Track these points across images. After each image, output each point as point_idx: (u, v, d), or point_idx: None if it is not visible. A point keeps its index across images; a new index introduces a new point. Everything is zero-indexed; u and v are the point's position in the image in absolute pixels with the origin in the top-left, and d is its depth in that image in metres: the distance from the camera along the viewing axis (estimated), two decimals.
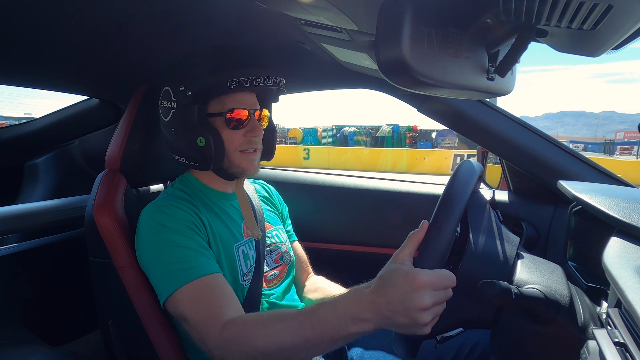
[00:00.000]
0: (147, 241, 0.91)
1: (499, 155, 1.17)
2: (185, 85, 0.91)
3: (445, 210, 0.70)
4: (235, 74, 0.90)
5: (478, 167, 0.82)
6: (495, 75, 0.58)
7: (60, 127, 1.89)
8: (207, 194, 1.04)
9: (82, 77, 1.30)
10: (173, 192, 1.01)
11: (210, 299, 0.83)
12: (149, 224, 0.92)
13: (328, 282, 1.20)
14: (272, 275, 1.06)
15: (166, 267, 0.87)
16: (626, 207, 0.68)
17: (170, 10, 0.82)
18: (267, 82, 0.93)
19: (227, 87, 0.89)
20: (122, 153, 1.06)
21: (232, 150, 0.97)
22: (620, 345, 0.51)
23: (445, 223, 0.68)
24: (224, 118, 0.95)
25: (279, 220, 1.20)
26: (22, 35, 0.88)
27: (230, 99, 0.95)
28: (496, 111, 1.15)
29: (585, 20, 0.43)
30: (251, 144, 0.98)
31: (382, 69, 0.49)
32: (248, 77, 0.90)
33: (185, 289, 0.84)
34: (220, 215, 1.01)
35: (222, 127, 0.96)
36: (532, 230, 1.15)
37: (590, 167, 1.09)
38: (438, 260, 0.67)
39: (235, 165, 0.98)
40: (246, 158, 0.99)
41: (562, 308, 0.67)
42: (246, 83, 0.90)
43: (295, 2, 0.62)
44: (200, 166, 0.97)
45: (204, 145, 0.93)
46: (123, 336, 1.01)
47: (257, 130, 0.97)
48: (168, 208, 0.93)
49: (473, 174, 0.79)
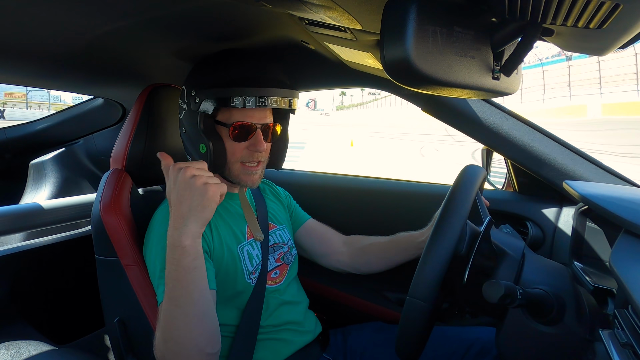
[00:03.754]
0: (154, 244, 0.93)
1: (503, 154, 1.16)
2: (195, 91, 0.92)
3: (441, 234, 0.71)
4: (238, 92, 0.89)
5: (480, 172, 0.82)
6: (501, 75, 0.58)
7: (65, 126, 1.90)
8: None
9: (87, 77, 1.31)
10: None
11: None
12: (160, 228, 0.93)
13: (366, 238, 1.24)
14: (275, 274, 1.07)
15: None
16: (633, 208, 0.68)
17: (174, 11, 0.82)
18: (272, 102, 0.92)
19: (230, 103, 0.89)
20: (127, 152, 1.07)
21: (234, 161, 0.97)
22: (627, 347, 0.51)
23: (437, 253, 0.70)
24: (228, 129, 0.95)
25: (284, 215, 1.21)
26: (27, 36, 0.88)
27: (239, 112, 0.94)
28: (501, 110, 1.14)
29: (592, 19, 0.43)
30: (252, 157, 0.97)
31: (387, 69, 0.48)
32: (251, 97, 0.89)
33: None
34: (224, 217, 1.03)
35: (226, 137, 0.96)
36: (537, 231, 1.14)
37: (596, 167, 1.08)
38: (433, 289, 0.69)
39: (234, 175, 0.99)
40: (246, 171, 0.98)
41: (568, 309, 0.67)
42: (248, 102, 0.89)
43: (300, 2, 0.62)
44: None
45: (204, 152, 0.94)
46: (129, 334, 1.01)
47: (259, 145, 0.96)
48: None
49: (474, 181, 0.78)
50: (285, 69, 1.00)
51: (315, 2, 0.60)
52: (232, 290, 0.97)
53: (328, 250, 1.23)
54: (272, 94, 0.91)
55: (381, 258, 1.19)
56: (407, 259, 1.15)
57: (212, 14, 0.85)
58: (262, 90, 0.90)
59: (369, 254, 1.20)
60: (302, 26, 0.83)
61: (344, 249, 1.23)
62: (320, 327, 1.13)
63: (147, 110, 1.09)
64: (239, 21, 0.90)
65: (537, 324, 0.68)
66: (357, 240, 1.24)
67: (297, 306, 1.09)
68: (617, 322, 0.56)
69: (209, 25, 0.92)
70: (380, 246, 1.19)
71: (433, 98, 1.18)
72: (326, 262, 1.24)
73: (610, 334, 0.56)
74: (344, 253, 1.23)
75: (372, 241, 1.21)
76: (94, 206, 1.02)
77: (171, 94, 1.13)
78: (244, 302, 0.98)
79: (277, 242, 1.11)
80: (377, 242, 1.20)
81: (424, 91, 0.54)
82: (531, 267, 0.76)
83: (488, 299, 0.61)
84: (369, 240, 1.22)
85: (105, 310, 1.07)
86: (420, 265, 0.70)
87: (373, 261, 1.20)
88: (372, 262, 1.20)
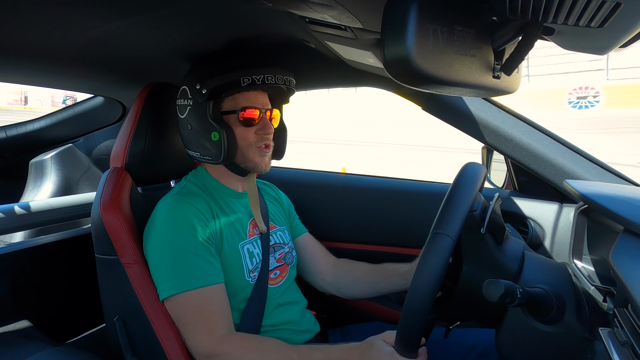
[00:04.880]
0: (159, 237, 0.94)
1: (504, 154, 1.16)
2: (201, 83, 0.95)
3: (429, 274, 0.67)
4: (249, 72, 0.94)
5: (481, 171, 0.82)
6: (501, 74, 0.58)
7: (65, 124, 1.90)
8: (218, 190, 1.06)
9: (87, 75, 1.31)
10: (187, 186, 1.05)
11: (209, 310, 0.91)
12: (165, 221, 0.95)
13: (355, 262, 1.24)
14: (274, 274, 1.07)
15: (173, 268, 0.91)
16: (634, 207, 0.68)
17: (174, 10, 0.82)
18: (279, 80, 0.98)
19: (241, 84, 0.94)
20: (127, 151, 1.07)
21: (246, 145, 1.01)
22: (626, 346, 0.51)
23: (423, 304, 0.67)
24: (237, 115, 0.99)
25: (284, 220, 1.21)
26: (28, 34, 0.88)
27: (244, 98, 1.00)
28: (501, 109, 1.14)
29: (593, 18, 0.43)
30: (263, 141, 1.01)
31: (388, 67, 0.48)
32: (260, 76, 0.95)
33: (188, 295, 0.90)
34: (227, 213, 1.03)
35: (235, 124, 0.99)
36: (537, 229, 1.15)
37: (597, 166, 1.08)
38: (414, 348, 0.71)
39: (249, 159, 1.02)
40: (259, 153, 1.02)
41: (567, 308, 0.67)
42: (258, 81, 0.95)
43: (300, 1, 0.62)
44: (214, 159, 1.00)
45: (217, 140, 0.96)
46: (129, 332, 1.02)
47: (267, 127, 1.01)
48: (183, 206, 0.96)
49: (475, 182, 0.78)
50: (288, 69, 1.02)
51: (316, 1, 0.60)
52: (230, 287, 0.97)
53: (316, 268, 1.23)
54: (278, 73, 0.98)
55: (364, 282, 1.19)
56: (391, 289, 1.16)
57: (213, 13, 0.85)
58: (268, 69, 0.97)
59: (353, 277, 1.20)
60: (303, 25, 0.83)
61: (330, 270, 1.23)
62: (318, 327, 1.13)
63: (147, 109, 1.09)
64: (239, 20, 0.90)
65: (537, 323, 0.68)
66: (344, 263, 1.25)
67: (295, 306, 1.09)
68: (616, 321, 0.56)
69: (210, 24, 0.92)
70: (365, 270, 1.19)
71: (433, 97, 1.18)
72: (311, 279, 1.24)
73: (610, 333, 0.56)
74: (329, 274, 1.22)
75: (358, 265, 1.22)
76: (93, 205, 1.02)
77: (171, 92, 1.13)
78: (243, 300, 0.99)
79: (277, 242, 1.11)
80: (363, 267, 1.21)
81: (424, 90, 0.54)
82: (531, 266, 0.76)
83: (488, 298, 0.61)
84: (356, 264, 1.23)
85: (105, 308, 1.07)
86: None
87: (356, 285, 1.20)
88: (355, 286, 1.20)
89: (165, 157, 1.16)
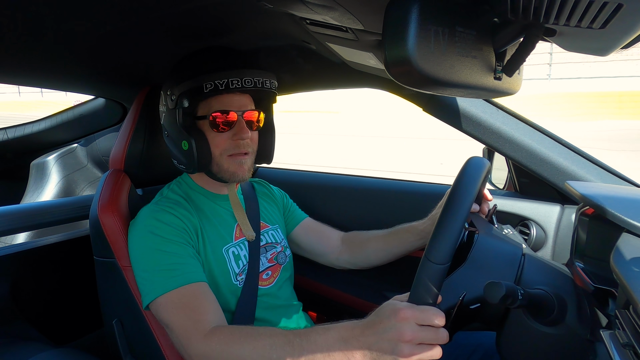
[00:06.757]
0: (137, 244, 0.93)
1: (505, 155, 1.16)
2: (170, 89, 0.93)
3: (442, 241, 0.64)
4: (212, 77, 0.88)
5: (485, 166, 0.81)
6: (503, 75, 0.58)
7: (66, 126, 1.90)
8: (201, 195, 1.04)
9: (87, 77, 1.31)
10: (167, 194, 1.03)
11: (193, 306, 0.85)
12: (141, 229, 0.93)
13: (365, 234, 1.22)
14: (266, 274, 1.06)
15: (152, 272, 0.88)
16: (635, 208, 0.67)
17: (174, 11, 0.82)
18: (247, 83, 0.90)
19: (203, 90, 0.88)
20: (126, 153, 1.07)
21: (219, 154, 0.96)
22: (628, 347, 0.51)
23: (442, 252, 0.64)
24: (208, 121, 0.94)
25: (278, 217, 1.20)
26: (28, 35, 0.88)
27: (217, 101, 0.93)
28: (503, 110, 1.14)
29: (595, 19, 0.43)
30: (238, 148, 0.95)
31: (389, 69, 0.48)
32: (224, 80, 0.88)
33: (170, 296, 0.86)
34: (211, 218, 1.01)
35: (208, 131, 0.95)
36: (539, 231, 1.14)
37: (598, 167, 1.08)
38: (431, 296, 0.64)
39: (223, 169, 0.97)
40: (234, 161, 0.96)
41: (569, 309, 0.67)
42: (221, 86, 0.88)
43: (301, 2, 0.62)
44: (187, 169, 0.98)
45: (187, 149, 0.92)
46: (127, 334, 1.01)
47: (243, 132, 0.94)
48: (160, 213, 0.94)
49: (476, 182, 0.77)
50: (286, 69, 1.00)
51: (317, 2, 0.60)
52: (219, 292, 0.95)
53: (326, 248, 1.22)
54: (246, 75, 0.90)
55: (380, 251, 1.17)
56: (407, 249, 1.14)
57: (213, 14, 0.85)
58: (234, 72, 0.89)
59: (368, 248, 1.19)
60: (303, 26, 0.83)
61: (342, 246, 1.22)
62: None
63: (145, 111, 1.09)
64: (240, 21, 0.90)
65: (538, 325, 0.68)
66: (355, 235, 1.23)
67: (289, 309, 1.07)
68: (618, 323, 0.55)
69: (209, 26, 0.92)
70: (379, 239, 1.18)
71: (434, 98, 1.18)
72: (325, 260, 1.23)
73: (612, 334, 0.55)
74: (342, 250, 1.22)
75: (370, 235, 1.20)
76: (91, 207, 1.02)
77: None
78: (233, 304, 0.97)
79: (269, 242, 1.10)
80: (376, 236, 1.19)
81: (425, 91, 0.54)
82: (532, 268, 0.76)
83: (489, 300, 0.61)
84: (368, 234, 1.21)
85: (104, 311, 1.07)
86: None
87: (372, 255, 1.18)
88: (371, 256, 1.19)
89: (164, 159, 1.15)
